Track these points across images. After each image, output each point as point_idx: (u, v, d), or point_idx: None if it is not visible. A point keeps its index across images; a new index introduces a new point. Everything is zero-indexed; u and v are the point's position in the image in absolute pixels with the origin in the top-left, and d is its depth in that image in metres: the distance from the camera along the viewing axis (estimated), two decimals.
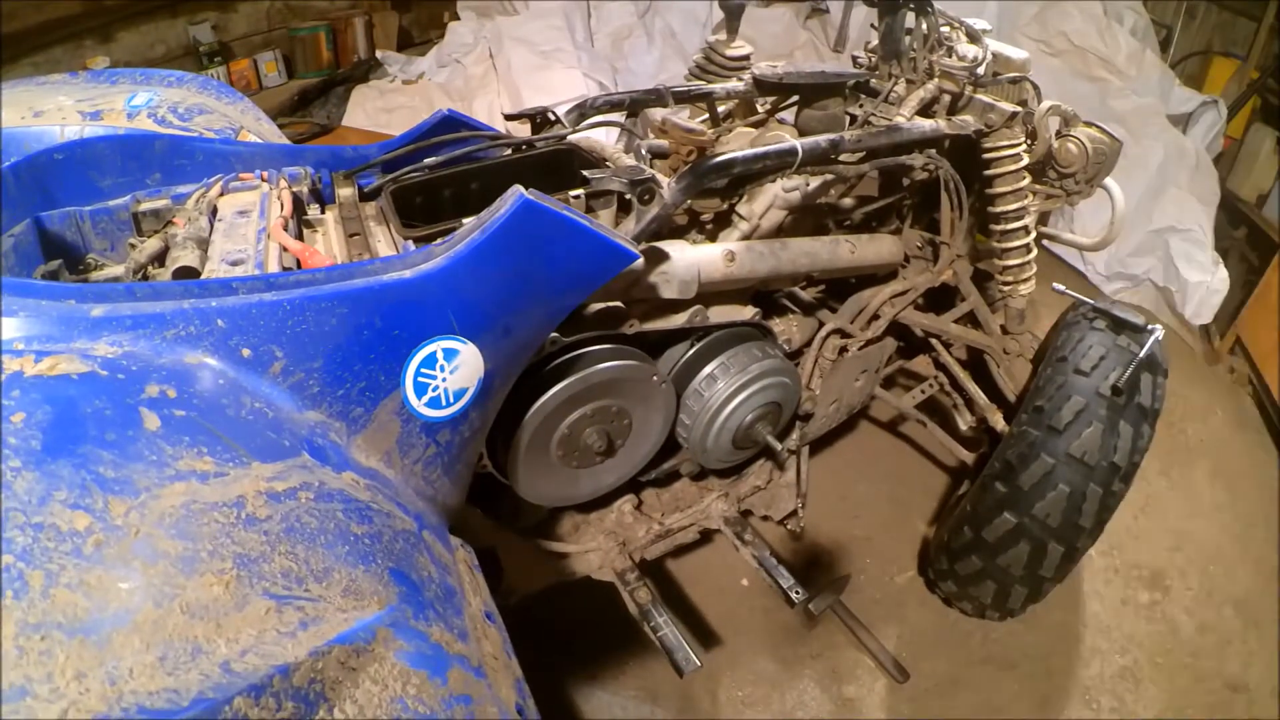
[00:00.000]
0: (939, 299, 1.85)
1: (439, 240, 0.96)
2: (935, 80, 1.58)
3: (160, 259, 1.09)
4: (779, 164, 1.32)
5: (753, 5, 3.94)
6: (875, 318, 1.73)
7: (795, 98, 1.71)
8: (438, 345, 0.92)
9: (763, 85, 1.67)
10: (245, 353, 0.80)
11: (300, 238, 1.16)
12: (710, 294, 1.40)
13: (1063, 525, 1.55)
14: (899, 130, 1.46)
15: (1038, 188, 1.68)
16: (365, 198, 1.37)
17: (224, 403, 0.76)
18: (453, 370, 0.94)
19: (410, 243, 1.15)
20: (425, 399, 0.93)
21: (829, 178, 1.48)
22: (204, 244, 1.07)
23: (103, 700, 0.49)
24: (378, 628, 0.63)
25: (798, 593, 1.56)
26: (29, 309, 0.73)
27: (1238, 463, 2.50)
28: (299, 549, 0.65)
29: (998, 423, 1.81)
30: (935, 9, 1.56)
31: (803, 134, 1.60)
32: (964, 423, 1.96)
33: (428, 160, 1.39)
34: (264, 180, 1.25)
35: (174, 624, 0.55)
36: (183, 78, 1.71)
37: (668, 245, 1.27)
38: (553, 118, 1.54)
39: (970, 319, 1.82)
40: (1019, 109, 1.51)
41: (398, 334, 0.89)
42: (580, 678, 1.79)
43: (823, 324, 1.68)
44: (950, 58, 1.59)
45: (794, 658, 1.87)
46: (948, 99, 1.58)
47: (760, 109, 1.81)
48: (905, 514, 2.24)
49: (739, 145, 1.51)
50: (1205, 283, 2.89)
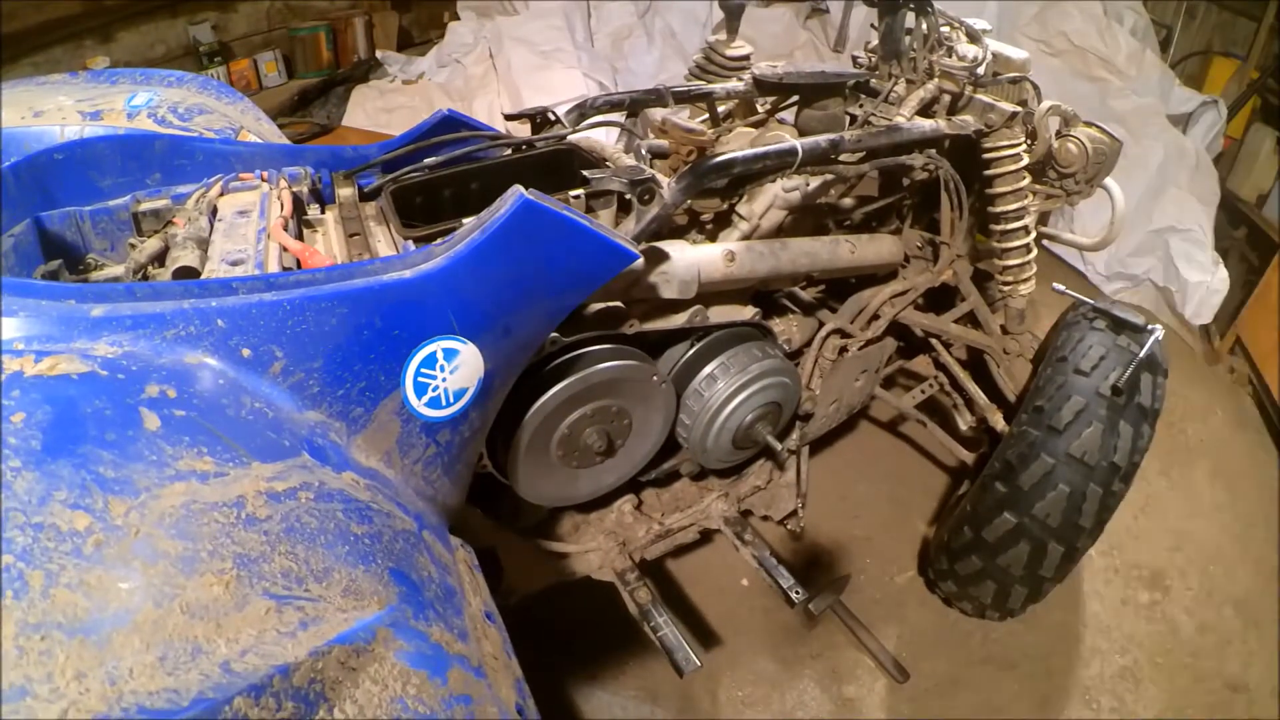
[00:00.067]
0: (939, 299, 1.85)
1: (439, 240, 0.96)
2: (935, 80, 1.58)
3: (160, 259, 1.09)
4: (779, 164, 1.32)
5: (753, 5, 3.94)
6: (875, 318, 1.73)
7: (795, 98, 1.71)
8: (438, 345, 0.92)
9: (763, 85, 1.67)
10: (245, 353, 0.80)
11: (300, 238, 1.16)
12: (710, 294, 1.40)
13: (1063, 525, 1.55)
14: (899, 130, 1.46)
15: (1038, 188, 1.68)
16: (365, 198, 1.37)
17: (224, 403, 0.76)
18: (453, 370, 0.94)
19: (410, 243, 1.15)
20: (425, 399, 0.93)
21: (829, 178, 1.48)
22: (204, 244, 1.07)
23: (103, 700, 0.49)
24: (378, 628, 0.63)
25: (798, 593, 1.56)
26: (29, 309, 0.73)
27: (1238, 463, 2.50)
28: (299, 549, 0.65)
29: (998, 423, 1.81)
30: (935, 9, 1.56)
31: (803, 134, 1.60)
32: (964, 423, 1.96)
33: (428, 160, 1.39)
34: (264, 180, 1.25)
35: (174, 624, 0.55)
36: (183, 78, 1.71)
37: (668, 245, 1.27)
38: (553, 118, 1.54)
39: (970, 319, 1.82)
40: (1019, 109, 1.52)
41: (398, 334, 0.89)
42: (580, 678, 1.79)
43: (823, 324, 1.68)
44: (950, 58, 1.59)
45: (794, 658, 1.87)
46: (948, 99, 1.58)
47: (760, 109, 1.81)
48: (905, 514, 2.24)
49: (739, 145, 1.51)
50: (1205, 283, 2.89)
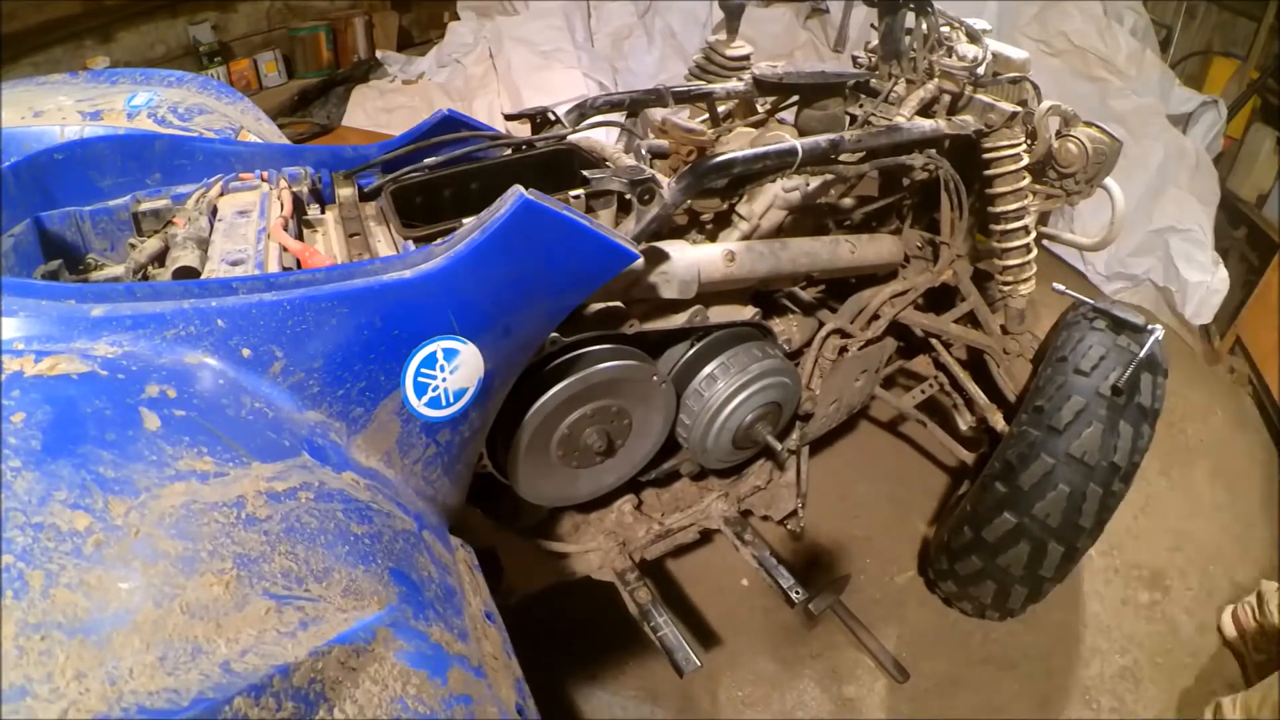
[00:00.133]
0: (939, 299, 1.85)
1: (439, 240, 0.96)
2: (935, 80, 1.58)
3: (160, 259, 1.09)
4: (779, 164, 1.32)
5: (753, 5, 3.94)
6: (875, 318, 1.73)
7: (795, 98, 1.71)
8: (438, 345, 0.92)
9: (763, 85, 1.67)
10: (245, 353, 0.80)
11: (300, 238, 1.16)
12: (710, 294, 1.40)
13: (1063, 525, 1.55)
14: (899, 130, 1.46)
15: (1038, 188, 1.68)
16: (365, 198, 1.37)
17: (224, 403, 0.76)
18: (453, 370, 0.94)
19: (410, 243, 1.15)
20: (425, 399, 0.93)
21: (829, 178, 1.48)
22: (204, 244, 1.07)
23: (103, 700, 0.49)
24: (378, 628, 0.63)
25: (798, 593, 1.56)
26: (29, 309, 0.73)
27: (1238, 463, 2.50)
28: (299, 549, 0.65)
29: (998, 423, 1.81)
30: (935, 9, 1.56)
31: (803, 134, 1.60)
32: (964, 423, 1.96)
33: (428, 160, 1.38)
34: (264, 180, 1.25)
35: (174, 624, 0.55)
36: (183, 78, 1.71)
37: (668, 245, 1.27)
38: (553, 118, 1.54)
39: (970, 319, 1.82)
40: (1019, 109, 1.52)
41: (398, 334, 0.89)
42: (580, 678, 1.79)
43: (823, 324, 1.68)
44: (950, 58, 1.59)
45: (794, 658, 1.87)
46: (948, 99, 1.58)
47: (760, 109, 1.81)
48: (905, 514, 2.24)
49: (739, 145, 1.51)
50: (1205, 283, 2.90)
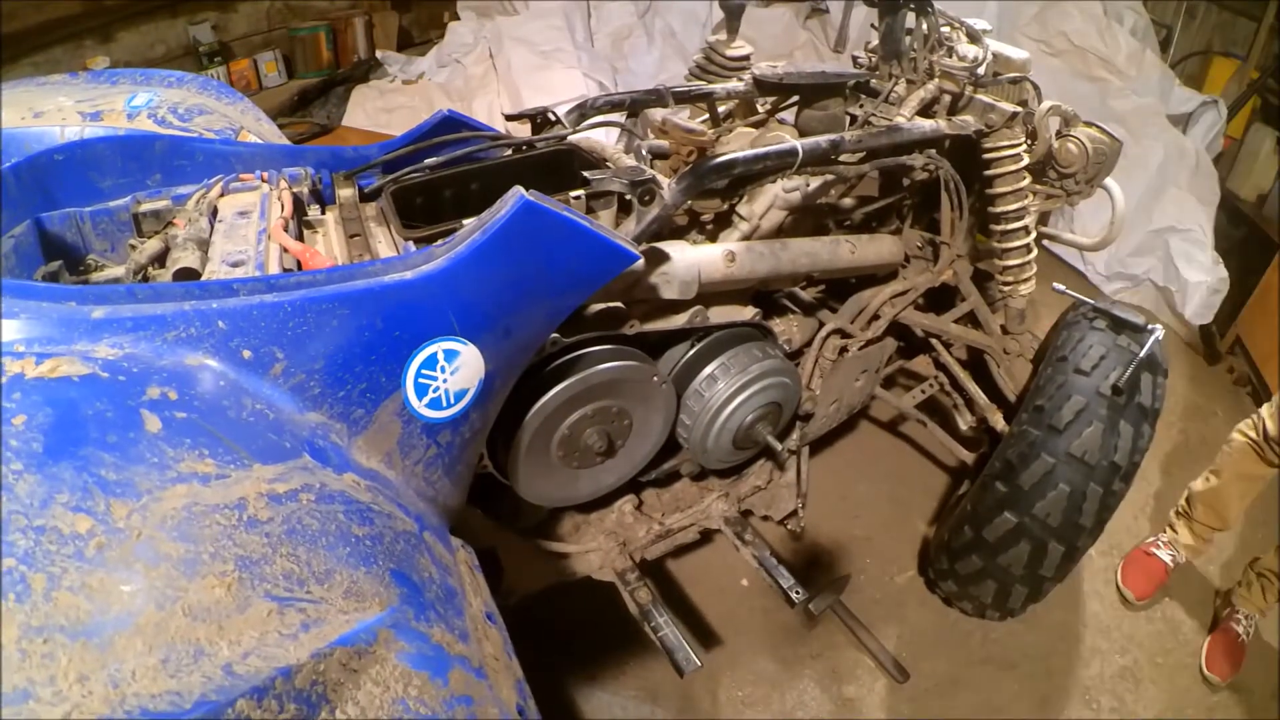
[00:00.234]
0: (939, 299, 1.85)
1: (439, 241, 0.96)
2: (935, 80, 1.58)
3: (161, 260, 1.09)
4: (779, 164, 1.32)
5: (753, 5, 3.94)
6: (875, 318, 1.73)
7: (795, 98, 1.71)
8: (438, 346, 0.92)
9: (763, 85, 1.67)
10: (246, 354, 0.80)
11: (301, 239, 1.16)
12: (710, 294, 1.40)
13: (1063, 525, 1.55)
14: (899, 130, 1.46)
15: (1038, 188, 1.68)
16: (366, 198, 1.37)
17: (225, 404, 0.75)
18: (453, 371, 0.94)
19: (411, 243, 1.15)
20: (426, 400, 0.93)
21: (829, 178, 1.48)
22: (204, 245, 1.07)
23: (105, 703, 0.49)
24: (379, 629, 0.63)
25: (798, 593, 1.56)
26: (30, 311, 0.73)
27: None
28: (300, 551, 0.65)
29: (998, 422, 1.81)
30: (935, 9, 1.56)
31: (803, 134, 1.60)
32: (964, 423, 1.96)
33: (428, 161, 1.38)
34: (264, 181, 1.25)
35: (176, 626, 0.55)
36: (183, 78, 1.70)
37: (668, 246, 1.27)
38: (553, 118, 1.54)
39: (970, 319, 1.82)
40: (1019, 109, 1.52)
41: (398, 335, 0.89)
42: (580, 678, 1.79)
43: (823, 324, 1.68)
44: (950, 58, 1.59)
45: (794, 658, 1.88)
46: (948, 99, 1.58)
47: (760, 109, 1.81)
48: (905, 514, 2.24)
49: (739, 145, 1.51)
50: (1205, 283, 2.90)
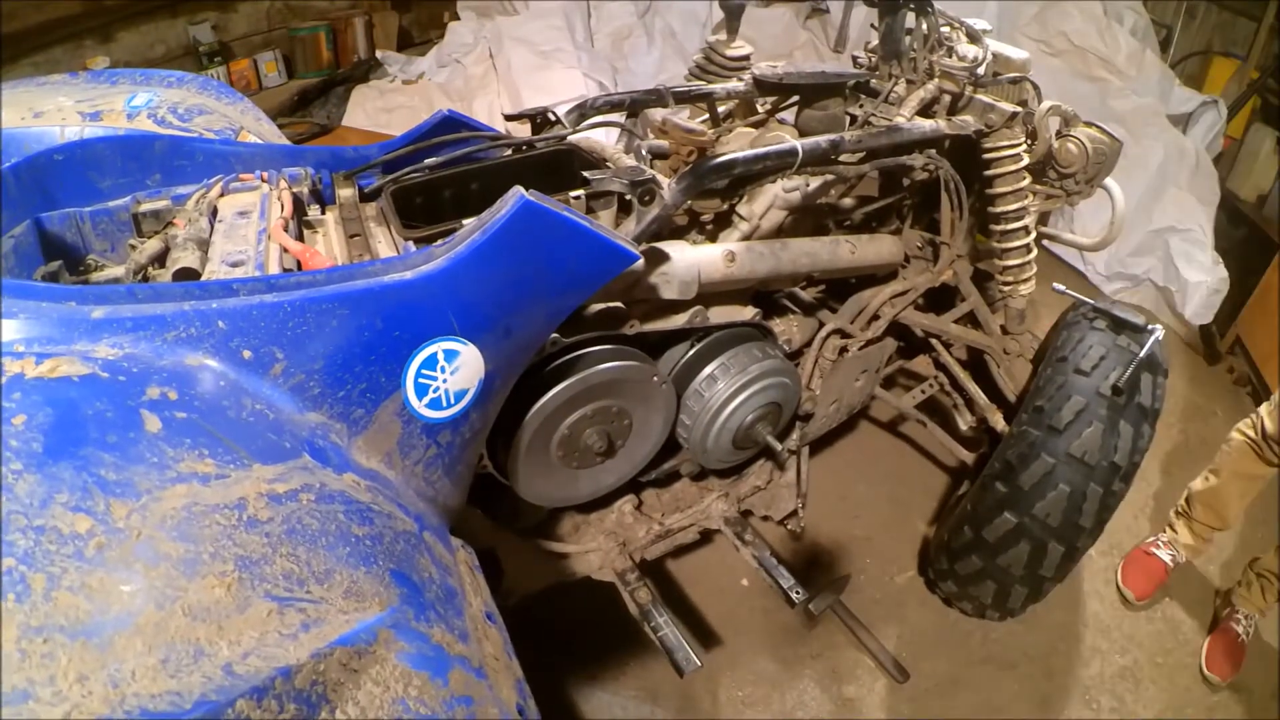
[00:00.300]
0: (939, 299, 1.85)
1: (439, 241, 0.96)
2: (935, 80, 1.58)
3: (160, 260, 1.09)
4: (779, 164, 1.32)
5: (753, 5, 3.94)
6: (875, 318, 1.73)
7: (795, 98, 1.71)
8: (438, 346, 0.92)
9: (763, 85, 1.67)
10: (246, 354, 0.79)
11: (300, 239, 1.16)
12: (710, 294, 1.40)
13: (1063, 525, 1.55)
14: (899, 130, 1.46)
15: (1038, 188, 1.68)
16: (365, 198, 1.37)
17: (225, 404, 0.75)
18: (453, 371, 0.94)
19: (411, 243, 1.15)
20: (426, 400, 0.93)
21: (829, 178, 1.48)
22: (204, 245, 1.07)
23: (105, 703, 0.49)
24: (379, 629, 0.63)
25: (798, 593, 1.56)
26: (29, 311, 0.73)
27: None
28: (300, 551, 0.65)
29: (998, 423, 1.81)
30: (935, 9, 1.56)
31: (803, 134, 1.60)
32: (964, 423, 1.96)
33: (428, 161, 1.38)
34: (264, 181, 1.25)
35: (176, 626, 0.55)
36: (183, 78, 1.70)
37: (668, 246, 1.27)
38: (553, 118, 1.54)
39: (970, 319, 1.82)
40: (1019, 109, 1.52)
41: (398, 335, 0.89)
42: (580, 678, 1.79)
43: (823, 324, 1.68)
44: (950, 58, 1.59)
45: (794, 658, 1.88)
46: (948, 99, 1.58)
47: (760, 109, 1.81)
48: (905, 514, 2.24)
49: (739, 145, 1.52)
50: (1205, 283, 2.90)
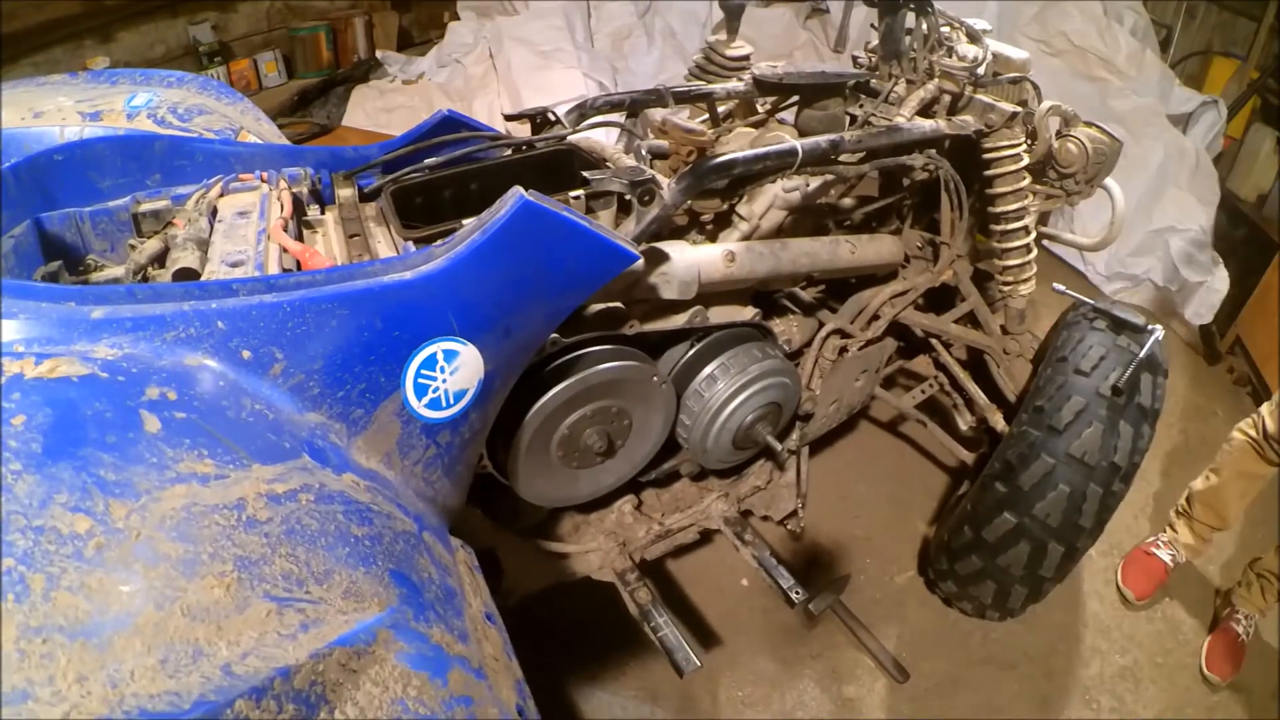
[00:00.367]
0: (939, 299, 1.85)
1: (439, 241, 0.96)
2: (935, 80, 1.58)
3: (160, 260, 1.09)
4: (779, 164, 1.32)
5: (753, 5, 3.94)
6: (875, 318, 1.73)
7: (795, 98, 1.71)
8: (438, 346, 0.92)
9: (763, 85, 1.67)
10: (245, 354, 0.79)
11: (300, 239, 1.16)
12: (710, 294, 1.40)
13: (1063, 525, 1.55)
14: (899, 130, 1.46)
15: (1038, 188, 1.68)
16: (365, 198, 1.37)
17: (224, 405, 0.75)
18: (453, 371, 0.94)
19: (410, 244, 1.15)
20: (425, 400, 0.93)
21: (829, 178, 1.48)
22: (204, 245, 1.07)
23: (104, 703, 0.49)
24: (378, 629, 0.63)
25: (798, 593, 1.56)
26: (29, 311, 0.73)
27: None
28: (299, 551, 0.65)
29: (998, 423, 1.81)
30: (935, 9, 1.56)
31: (803, 134, 1.60)
32: (964, 423, 1.96)
33: (428, 161, 1.38)
34: (264, 181, 1.25)
35: (175, 626, 0.55)
36: (183, 78, 1.70)
37: (668, 246, 1.27)
38: (553, 118, 1.54)
39: (970, 319, 1.82)
40: (1019, 109, 1.52)
41: (398, 335, 0.89)
42: (580, 678, 1.79)
43: (823, 324, 1.68)
44: (950, 58, 1.59)
45: (794, 658, 1.87)
46: (948, 99, 1.58)
47: (760, 109, 1.81)
48: (905, 514, 2.24)
49: (739, 145, 1.51)
50: (1205, 283, 2.90)
